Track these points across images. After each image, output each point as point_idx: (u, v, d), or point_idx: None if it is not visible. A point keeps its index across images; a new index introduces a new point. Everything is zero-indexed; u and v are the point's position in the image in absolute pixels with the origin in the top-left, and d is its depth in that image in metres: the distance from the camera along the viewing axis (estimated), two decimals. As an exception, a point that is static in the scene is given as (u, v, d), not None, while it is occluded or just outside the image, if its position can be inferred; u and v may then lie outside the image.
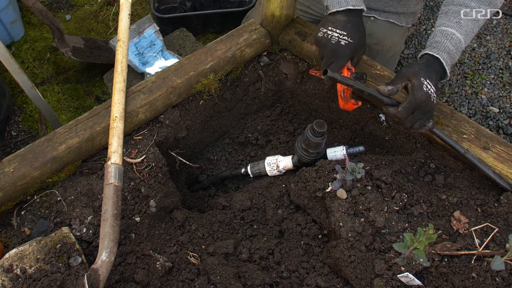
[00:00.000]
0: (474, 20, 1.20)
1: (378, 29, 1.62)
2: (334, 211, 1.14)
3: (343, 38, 1.17)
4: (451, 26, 1.19)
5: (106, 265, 0.98)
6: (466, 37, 1.19)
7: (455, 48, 1.17)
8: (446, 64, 1.15)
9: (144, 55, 1.90)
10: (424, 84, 1.09)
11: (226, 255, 1.19)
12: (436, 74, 1.15)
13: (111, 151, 1.15)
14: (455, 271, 1.05)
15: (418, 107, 1.09)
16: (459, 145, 1.18)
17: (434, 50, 1.16)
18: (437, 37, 1.18)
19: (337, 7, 1.19)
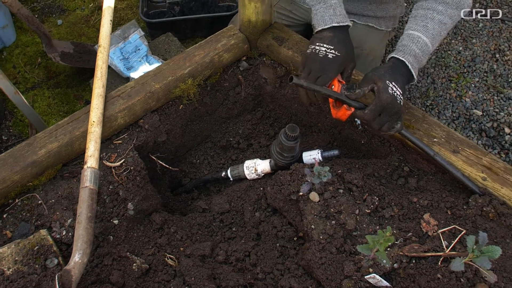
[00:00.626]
0: (441, 24, 1.22)
1: (357, 33, 1.65)
2: (306, 214, 1.16)
3: (330, 51, 1.20)
4: (418, 29, 1.21)
5: (78, 266, 1.01)
6: (433, 40, 1.21)
7: (421, 51, 1.20)
8: (412, 67, 1.18)
9: (129, 60, 1.94)
10: (389, 87, 1.12)
11: (203, 257, 1.22)
12: (402, 77, 1.17)
13: (88, 155, 1.18)
14: (421, 272, 1.07)
15: (384, 109, 1.12)
16: (428, 147, 1.20)
17: (400, 53, 1.19)
18: (404, 40, 1.21)
19: (322, 25, 1.23)
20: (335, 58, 1.19)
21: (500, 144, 1.98)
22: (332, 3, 1.24)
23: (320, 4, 1.25)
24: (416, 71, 1.20)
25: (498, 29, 2.44)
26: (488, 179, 1.17)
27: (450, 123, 2.05)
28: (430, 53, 1.24)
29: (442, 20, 1.21)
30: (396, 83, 1.14)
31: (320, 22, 1.23)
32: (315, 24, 1.25)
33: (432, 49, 1.23)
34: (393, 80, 1.14)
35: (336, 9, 1.24)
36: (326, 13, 1.23)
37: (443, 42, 2.40)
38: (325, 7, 1.24)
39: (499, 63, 2.28)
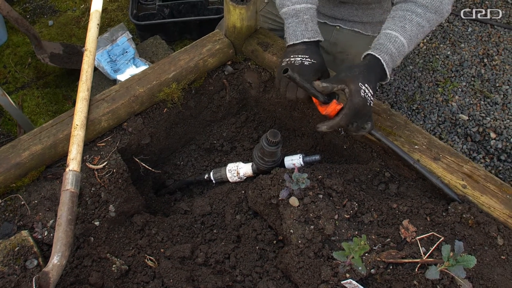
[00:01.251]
0: (419, 26, 1.23)
1: (343, 38, 1.66)
2: (286, 218, 1.17)
3: (306, 60, 1.23)
4: (395, 30, 1.22)
5: (57, 268, 1.02)
6: (410, 41, 1.22)
7: (397, 51, 1.21)
8: (387, 65, 1.19)
9: (116, 62, 1.95)
10: (361, 89, 1.13)
11: (183, 259, 1.23)
12: (376, 76, 1.19)
13: (70, 158, 1.19)
14: (398, 278, 1.08)
15: (356, 113, 1.14)
16: (397, 147, 1.22)
17: (377, 51, 1.20)
18: (381, 39, 1.23)
19: (294, 40, 1.26)
20: (311, 65, 1.22)
21: (485, 149, 2.00)
22: (305, 18, 1.26)
23: (292, 18, 1.27)
24: (390, 70, 1.21)
25: (487, 34, 2.45)
26: (468, 186, 1.19)
27: (436, 127, 2.07)
28: (406, 54, 1.25)
29: (420, 23, 1.23)
30: (369, 85, 1.15)
31: (292, 36, 1.26)
32: (287, 38, 1.28)
33: (408, 51, 1.24)
34: (367, 81, 1.15)
35: (308, 24, 1.26)
36: (298, 28, 1.26)
37: (431, 46, 2.41)
38: (297, 21, 1.26)
39: (487, 67, 2.30)
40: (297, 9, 1.26)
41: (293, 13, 1.27)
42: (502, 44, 2.40)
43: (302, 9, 1.26)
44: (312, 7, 1.29)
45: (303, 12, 1.26)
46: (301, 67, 1.21)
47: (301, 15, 1.26)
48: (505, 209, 1.15)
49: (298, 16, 1.26)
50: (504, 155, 1.97)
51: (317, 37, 1.26)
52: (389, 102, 2.16)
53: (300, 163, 1.30)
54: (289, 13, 1.28)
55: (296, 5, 1.27)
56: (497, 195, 1.17)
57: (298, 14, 1.26)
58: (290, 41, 1.27)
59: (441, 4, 1.23)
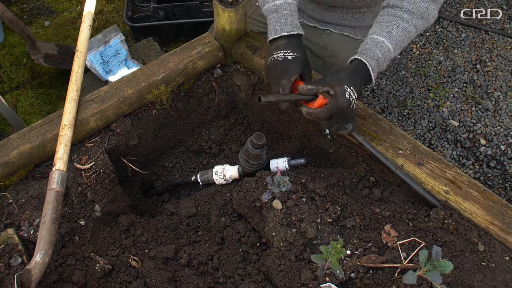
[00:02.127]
0: (405, 31, 1.24)
1: (332, 41, 1.68)
2: (269, 221, 1.18)
3: (288, 54, 1.24)
4: (382, 35, 1.24)
5: (39, 266, 1.03)
6: (396, 46, 1.24)
7: (383, 56, 1.23)
8: (372, 70, 1.21)
9: (108, 63, 1.97)
10: (347, 91, 1.15)
11: (166, 260, 1.24)
12: (361, 80, 1.20)
13: (57, 158, 1.21)
14: (377, 283, 1.09)
15: (338, 112, 1.16)
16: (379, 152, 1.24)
17: (363, 56, 1.22)
18: (368, 44, 1.24)
19: (273, 34, 1.28)
20: (294, 58, 1.23)
21: (475, 155, 2.00)
22: (284, 13, 1.28)
23: (273, 14, 1.29)
24: (375, 75, 1.23)
25: (481, 40, 2.46)
26: (451, 192, 1.19)
27: (426, 133, 2.07)
28: (391, 59, 1.27)
29: (406, 28, 1.24)
30: (354, 88, 1.17)
31: (272, 32, 1.28)
32: (268, 34, 1.30)
33: (394, 55, 1.26)
34: (352, 84, 1.17)
35: (287, 19, 1.28)
36: (278, 23, 1.28)
37: (424, 52, 2.42)
38: (277, 17, 1.29)
39: (479, 74, 2.31)
40: (277, 5, 1.29)
41: (273, 9, 1.30)
42: (496, 50, 2.41)
43: (282, 4, 1.29)
44: (292, 2, 1.31)
45: (282, 8, 1.29)
46: (284, 62, 1.23)
47: (281, 10, 1.28)
48: (487, 216, 1.15)
49: (278, 12, 1.29)
50: (493, 162, 1.97)
51: (297, 31, 1.28)
52: (380, 107, 2.17)
53: (285, 167, 1.32)
54: (270, 9, 1.30)
55: (276, 1, 1.29)
56: (479, 201, 1.18)
57: (278, 10, 1.29)
58: (270, 36, 1.29)
59: (427, 10, 1.25)
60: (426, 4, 1.24)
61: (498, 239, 1.15)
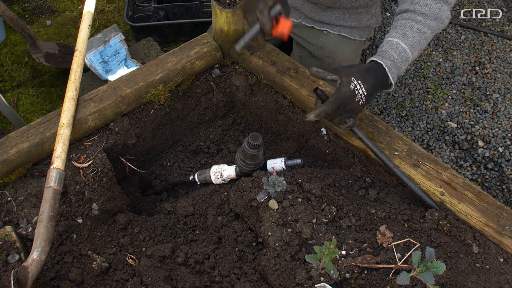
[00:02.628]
0: (420, 32, 1.25)
1: (330, 42, 1.69)
2: (265, 220, 1.19)
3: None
4: (396, 37, 1.25)
5: (36, 263, 1.05)
6: (412, 47, 1.24)
7: (399, 57, 1.23)
8: (389, 70, 1.21)
9: (108, 63, 1.98)
10: (352, 83, 1.15)
11: (163, 258, 1.25)
12: (375, 80, 1.19)
13: (55, 156, 1.22)
14: (372, 283, 1.10)
15: (342, 103, 1.16)
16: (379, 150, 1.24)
17: (379, 57, 1.22)
18: (384, 47, 1.25)
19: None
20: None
21: (473, 157, 2.01)
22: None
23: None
24: (393, 76, 1.23)
25: (480, 42, 2.47)
26: (446, 194, 1.20)
27: (424, 135, 2.08)
28: (410, 61, 1.26)
29: (421, 29, 1.25)
30: (363, 83, 1.16)
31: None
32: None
33: (411, 57, 1.25)
34: (361, 78, 1.16)
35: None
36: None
37: (423, 53, 2.43)
38: None
39: (478, 76, 2.31)
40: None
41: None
42: (495, 53, 2.41)
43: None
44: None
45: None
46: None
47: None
48: (481, 217, 1.16)
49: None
50: (491, 164, 1.98)
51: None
52: (379, 108, 2.18)
53: (282, 167, 1.32)
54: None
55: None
56: (474, 203, 1.19)
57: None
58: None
59: (439, 11, 1.26)
60: (438, 5, 1.25)
61: (493, 241, 1.15)
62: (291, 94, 1.41)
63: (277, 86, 1.45)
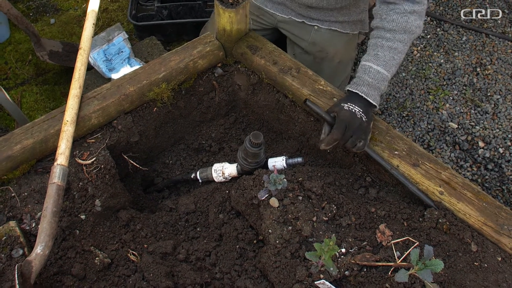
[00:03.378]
0: (391, 49, 1.29)
1: (321, 37, 1.70)
2: (265, 218, 1.21)
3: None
4: (369, 59, 1.30)
5: (39, 258, 1.06)
6: (386, 65, 1.29)
7: (374, 79, 1.28)
8: (366, 95, 1.27)
9: (111, 61, 1.99)
10: (345, 105, 1.23)
11: (164, 255, 1.27)
12: (360, 102, 1.27)
13: (58, 153, 1.23)
14: (371, 281, 1.11)
15: (348, 124, 1.22)
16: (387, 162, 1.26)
17: (353, 86, 1.30)
18: (359, 72, 1.32)
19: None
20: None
21: (473, 157, 2.02)
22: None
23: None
24: (373, 97, 1.28)
25: (482, 43, 2.47)
26: (445, 193, 1.21)
27: (425, 135, 2.09)
28: (389, 77, 1.31)
29: (391, 46, 1.29)
30: (353, 103, 1.24)
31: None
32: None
33: (389, 74, 1.30)
34: (349, 102, 1.25)
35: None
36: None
37: (425, 54, 2.44)
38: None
39: (479, 77, 2.32)
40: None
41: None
42: (496, 54, 2.42)
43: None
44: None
45: None
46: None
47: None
48: (480, 217, 1.17)
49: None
50: (491, 164, 1.99)
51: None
52: (380, 108, 2.19)
53: (283, 165, 1.34)
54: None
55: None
56: (473, 203, 1.20)
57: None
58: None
59: (407, 24, 1.28)
60: (405, 18, 1.28)
61: (491, 240, 1.17)
62: (293, 94, 1.43)
63: (278, 86, 1.47)
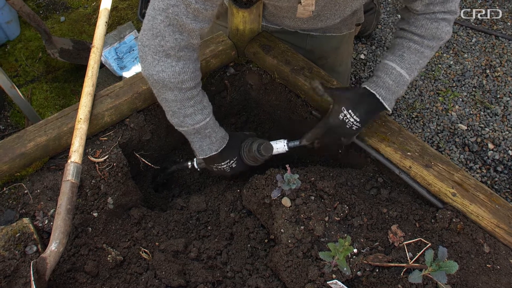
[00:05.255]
0: (418, 52, 1.23)
1: (317, 44, 1.60)
2: (277, 217, 1.21)
3: (231, 163, 1.33)
4: (393, 60, 1.23)
5: (54, 254, 1.07)
6: (409, 69, 1.23)
7: (395, 82, 1.22)
8: (383, 98, 1.22)
9: (123, 59, 2.00)
10: (342, 113, 1.21)
11: (176, 253, 1.27)
12: (368, 106, 1.23)
13: (72, 150, 1.24)
14: (383, 281, 1.11)
15: (329, 130, 1.24)
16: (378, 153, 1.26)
17: (372, 85, 1.23)
18: (379, 71, 1.25)
19: (203, 154, 1.31)
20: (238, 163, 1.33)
21: (482, 159, 2.01)
22: (207, 133, 1.27)
23: (195, 135, 1.28)
24: (389, 102, 1.24)
25: (491, 45, 2.47)
26: (458, 195, 1.21)
27: (434, 136, 2.09)
28: (409, 82, 1.25)
29: (418, 49, 1.23)
30: (355, 111, 1.20)
31: (200, 151, 1.30)
32: (195, 152, 1.32)
33: (410, 78, 1.24)
34: (351, 108, 1.21)
35: (211, 137, 1.29)
36: (204, 143, 1.29)
37: (434, 56, 2.43)
38: (200, 137, 1.28)
39: (489, 78, 2.32)
40: (196, 128, 1.26)
41: (194, 132, 1.27)
42: (506, 56, 2.42)
43: (202, 126, 1.26)
44: (210, 117, 1.29)
45: (203, 128, 1.27)
46: (233, 171, 1.34)
47: (202, 131, 1.27)
48: (493, 219, 1.17)
49: (200, 133, 1.27)
50: (500, 166, 1.98)
51: (224, 143, 1.31)
52: (389, 109, 2.19)
53: (285, 149, 1.34)
54: (190, 132, 1.28)
55: (195, 125, 1.26)
56: (486, 205, 1.19)
57: (199, 131, 1.27)
58: (199, 155, 1.31)
59: (437, 31, 1.21)
60: (435, 25, 1.20)
61: (503, 242, 1.16)
62: (305, 94, 1.43)
63: (291, 85, 1.47)
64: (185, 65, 1.16)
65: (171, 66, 1.14)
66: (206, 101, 1.28)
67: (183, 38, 1.12)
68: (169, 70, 1.14)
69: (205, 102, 1.27)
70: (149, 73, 1.17)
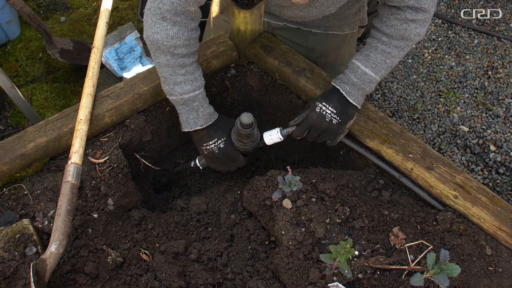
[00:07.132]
0: (384, 53, 1.26)
1: (319, 41, 1.60)
2: (278, 219, 1.20)
3: (218, 143, 1.33)
4: (359, 59, 1.28)
5: (54, 256, 1.06)
6: (375, 69, 1.27)
7: (360, 80, 1.27)
8: (347, 93, 1.27)
9: (123, 60, 2.00)
10: (317, 106, 1.26)
11: (176, 254, 1.27)
12: (338, 99, 1.27)
13: (72, 151, 1.24)
14: (384, 284, 1.11)
15: (312, 126, 1.28)
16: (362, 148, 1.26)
17: (338, 81, 1.29)
18: (346, 69, 1.31)
19: (188, 127, 1.31)
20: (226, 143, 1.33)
21: (484, 161, 2.01)
22: (194, 106, 1.28)
23: (182, 106, 1.29)
24: (354, 97, 1.28)
25: (493, 46, 2.46)
26: (460, 197, 1.20)
27: (436, 138, 2.08)
28: (377, 80, 1.29)
29: (385, 50, 1.26)
30: (328, 102, 1.26)
31: (186, 124, 1.31)
32: (182, 124, 1.32)
33: (377, 76, 1.28)
34: (325, 100, 1.26)
35: (199, 111, 1.29)
36: (190, 116, 1.30)
37: (436, 57, 2.43)
38: (188, 109, 1.29)
39: (490, 80, 2.31)
40: (185, 99, 1.28)
41: (182, 102, 1.28)
42: (508, 57, 2.41)
43: (190, 97, 1.28)
44: (200, 92, 1.30)
45: (191, 100, 1.28)
46: (222, 151, 1.33)
47: (190, 103, 1.28)
48: (495, 221, 1.16)
49: (188, 105, 1.28)
50: (502, 168, 1.98)
51: (210, 121, 1.31)
52: (390, 111, 2.18)
53: (280, 137, 1.32)
54: (178, 101, 1.29)
55: (184, 95, 1.27)
56: (488, 207, 1.19)
57: (187, 103, 1.28)
58: (185, 128, 1.32)
59: (405, 32, 1.22)
60: (404, 26, 1.22)
61: (505, 245, 1.16)
62: (306, 95, 1.42)
63: (292, 87, 1.46)
64: (180, 31, 1.20)
65: (166, 29, 1.19)
66: (199, 74, 1.30)
67: (179, 3, 1.16)
68: (163, 32, 1.19)
69: (197, 75, 1.29)
70: (146, 34, 1.23)
